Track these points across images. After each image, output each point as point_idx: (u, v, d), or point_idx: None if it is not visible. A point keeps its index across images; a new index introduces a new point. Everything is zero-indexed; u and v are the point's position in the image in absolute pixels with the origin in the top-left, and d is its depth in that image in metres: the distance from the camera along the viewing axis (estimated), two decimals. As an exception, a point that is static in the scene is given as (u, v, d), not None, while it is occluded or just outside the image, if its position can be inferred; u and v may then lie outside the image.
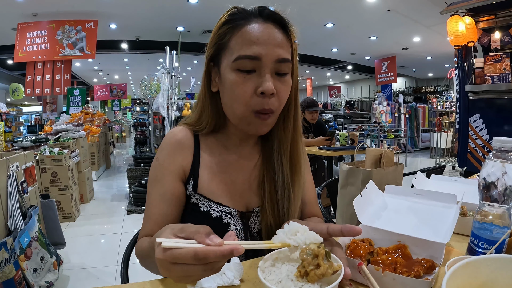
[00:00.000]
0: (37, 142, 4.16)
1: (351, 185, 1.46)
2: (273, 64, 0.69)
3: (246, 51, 0.68)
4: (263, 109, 0.70)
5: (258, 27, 0.70)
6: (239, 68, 0.70)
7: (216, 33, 0.74)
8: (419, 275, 0.55)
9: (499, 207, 0.59)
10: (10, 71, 10.96)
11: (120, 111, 17.02)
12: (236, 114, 0.73)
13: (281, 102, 0.73)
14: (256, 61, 0.69)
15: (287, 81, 0.73)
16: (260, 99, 0.70)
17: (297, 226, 0.53)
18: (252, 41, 0.69)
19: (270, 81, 0.69)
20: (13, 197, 1.97)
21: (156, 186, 0.78)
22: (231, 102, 0.73)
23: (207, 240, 0.44)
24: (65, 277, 2.40)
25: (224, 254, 0.43)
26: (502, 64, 3.81)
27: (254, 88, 0.70)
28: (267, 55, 0.69)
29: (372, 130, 6.88)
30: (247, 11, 0.73)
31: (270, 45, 0.69)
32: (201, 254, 0.42)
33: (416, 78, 14.53)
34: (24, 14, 6.47)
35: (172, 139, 0.81)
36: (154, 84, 5.48)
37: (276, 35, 0.70)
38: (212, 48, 0.75)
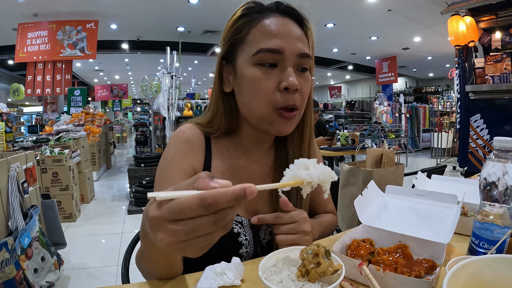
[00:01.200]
0: (37, 142, 4.17)
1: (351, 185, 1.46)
2: (295, 58, 0.66)
3: (267, 44, 0.65)
4: (288, 105, 0.66)
5: (277, 21, 0.67)
6: (260, 62, 0.66)
7: (230, 28, 0.70)
8: (420, 275, 0.55)
9: (500, 207, 0.59)
10: (10, 71, 10.97)
11: (121, 111, 17.02)
12: (257, 113, 0.69)
13: (303, 99, 0.70)
14: (278, 54, 0.65)
15: (308, 77, 0.70)
16: (283, 94, 0.66)
17: (306, 160, 0.47)
18: (273, 33, 0.66)
19: (294, 75, 0.65)
20: (14, 197, 1.98)
21: (163, 186, 0.71)
22: (250, 100, 0.69)
23: (212, 183, 0.36)
24: (65, 277, 2.41)
25: (236, 194, 0.34)
26: (502, 64, 3.81)
27: (276, 83, 0.66)
28: (289, 49, 0.65)
29: (372, 130, 6.88)
30: (263, 5, 0.70)
31: (291, 39, 0.66)
32: (210, 198, 0.34)
33: (416, 78, 14.52)
34: (25, 15, 6.47)
35: (181, 136, 0.76)
36: (155, 84, 5.49)
37: (295, 29, 0.68)
38: (225, 45, 0.71)
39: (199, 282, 0.57)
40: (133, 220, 3.71)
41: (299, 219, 0.68)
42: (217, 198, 0.34)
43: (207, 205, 0.33)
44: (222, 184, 0.36)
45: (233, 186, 0.35)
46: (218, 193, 0.34)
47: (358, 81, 15.64)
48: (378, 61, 10.71)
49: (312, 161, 0.48)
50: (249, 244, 0.76)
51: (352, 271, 0.58)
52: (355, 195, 0.79)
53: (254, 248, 0.77)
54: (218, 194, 0.34)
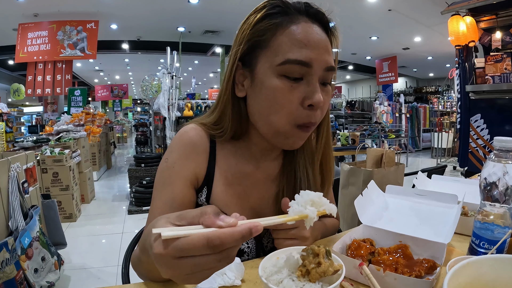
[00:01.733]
0: (38, 143, 4.17)
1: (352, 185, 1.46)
2: (321, 72, 0.62)
3: (296, 55, 0.59)
4: (309, 123, 0.63)
5: (307, 28, 0.61)
6: (286, 74, 0.61)
7: (252, 28, 0.63)
8: (420, 275, 0.55)
9: (500, 207, 0.59)
10: (11, 72, 10.98)
11: (121, 111, 17.02)
12: (274, 126, 0.64)
13: (323, 114, 0.66)
14: (306, 67, 0.60)
15: (329, 92, 0.66)
16: (306, 111, 0.62)
17: (311, 194, 0.49)
18: (303, 43, 0.60)
19: (319, 91, 0.61)
20: (14, 197, 1.98)
21: (163, 191, 0.69)
22: (269, 112, 0.63)
23: (218, 221, 0.36)
24: (66, 277, 2.41)
25: (243, 235, 0.35)
26: (503, 64, 3.80)
27: (301, 98, 0.61)
28: (318, 62, 0.60)
29: (373, 130, 6.88)
30: (290, 5, 0.63)
31: (321, 50, 0.61)
32: (216, 240, 0.34)
33: (417, 78, 14.52)
34: (25, 15, 6.48)
35: (184, 139, 0.72)
36: (155, 85, 5.49)
37: (324, 39, 0.63)
38: (245, 45, 0.64)
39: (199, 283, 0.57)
40: (134, 220, 3.71)
41: (299, 224, 0.67)
42: (223, 239, 0.34)
43: (213, 246, 0.34)
44: (228, 223, 0.36)
45: (239, 226, 0.35)
46: (225, 235, 0.34)
47: (358, 81, 15.63)
48: (378, 61, 10.71)
49: (318, 195, 0.48)
50: (251, 251, 0.75)
51: (352, 271, 0.58)
52: (355, 195, 0.79)
53: (257, 256, 0.76)
54: (225, 235, 0.34)
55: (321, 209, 0.48)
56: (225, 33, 7.66)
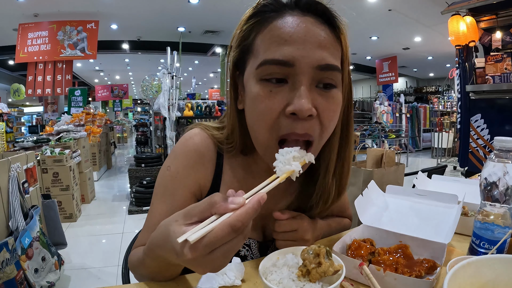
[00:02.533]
0: (38, 143, 4.17)
1: (352, 185, 1.46)
2: (312, 72, 0.51)
3: (273, 53, 0.51)
4: (293, 134, 0.52)
5: (292, 20, 0.52)
6: (265, 77, 0.52)
7: (240, 32, 0.58)
8: (421, 275, 0.55)
9: (500, 207, 0.59)
10: (11, 72, 10.98)
11: (121, 111, 17.02)
12: (259, 141, 0.57)
13: (325, 126, 0.54)
14: (287, 67, 0.51)
15: (334, 97, 0.54)
16: (290, 121, 0.52)
17: (291, 150, 0.50)
18: (282, 38, 0.51)
19: (307, 96, 0.50)
20: (15, 197, 1.98)
21: (165, 200, 0.66)
22: (253, 124, 0.57)
23: (230, 205, 0.38)
24: (66, 277, 2.41)
25: (255, 208, 0.38)
26: (503, 64, 3.80)
27: (282, 105, 0.52)
28: (303, 59, 0.50)
29: (373, 130, 6.88)
30: (280, 1, 0.56)
31: (308, 45, 0.51)
32: (238, 223, 0.37)
33: (417, 78, 14.51)
34: (25, 15, 6.48)
35: (191, 147, 0.67)
36: (155, 85, 5.48)
37: (317, 31, 0.52)
38: (236, 52, 0.59)
39: (200, 282, 0.57)
40: (134, 220, 3.71)
41: (298, 227, 0.67)
42: (243, 220, 0.37)
43: (237, 229, 0.37)
44: (239, 204, 0.38)
45: (249, 203, 0.39)
46: (242, 216, 0.37)
47: (358, 81, 15.63)
48: (378, 61, 10.71)
49: (295, 149, 0.50)
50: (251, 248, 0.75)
51: (352, 271, 0.58)
52: (355, 195, 0.79)
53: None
54: (242, 216, 0.37)
55: (302, 160, 0.50)
56: (225, 33, 7.66)
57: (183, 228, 0.39)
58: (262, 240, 0.75)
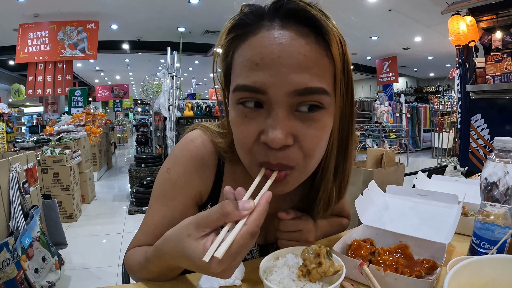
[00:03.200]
0: (38, 143, 4.17)
1: (352, 185, 1.46)
2: (288, 99, 0.45)
3: (244, 80, 0.46)
4: (267, 163, 0.48)
5: (266, 37, 0.45)
6: (241, 102, 0.48)
7: (221, 47, 0.53)
8: (421, 275, 0.55)
9: (500, 207, 0.59)
10: (11, 72, 10.98)
11: (122, 111, 17.03)
12: (245, 163, 0.54)
13: (306, 154, 0.49)
14: (260, 94, 0.45)
15: (320, 120, 0.48)
16: (264, 149, 0.48)
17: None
18: (253, 62, 0.45)
19: (280, 126, 0.45)
20: (15, 197, 1.98)
21: (163, 205, 0.64)
22: (236, 146, 0.54)
23: (243, 212, 0.41)
24: (66, 277, 2.41)
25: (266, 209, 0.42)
26: (503, 63, 3.80)
27: (258, 132, 0.47)
28: (275, 86, 0.44)
29: (373, 130, 6.87)
30: (259, 10, 0.48)
31: (282, 69, 0.44)
32: (256, 229, 0.40)
33: (417, 78, 14.50)
34: (26, 15, 6.48)
35: (193, 153, 0.63)
36: (156, 85, 5.48)
37: (295, 49, 0.44)
38: (223, 68, 0.54)
39: (200, 282, 0.57)
40: (134, 220, 3.71)
41: (303, 228, 0.67)
42: (259, 224, 0.40)
43: (256, 235, 0.40)
44: (251, 208, 0.41)
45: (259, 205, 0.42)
46: (258, 221, 0.40)
47: (358, 81, 15.62)
48: (378, 61, 10.71)
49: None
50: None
51: (352, 271, 0.58)
52: (355, 195, 0.79)
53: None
54: (259, 221, 0.40)
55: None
56: (225, 33, 7.66)
57: (200, 243, 0.41)
58: (263, 243, 0.75)
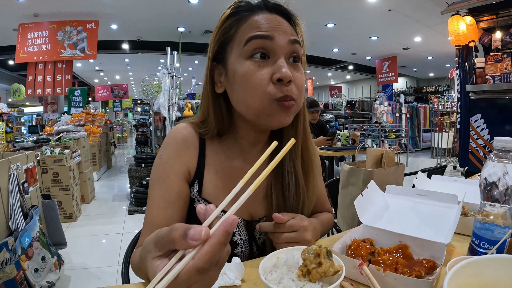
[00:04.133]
0: (38, 143, 4.17)
1: (352, 185, 1.46)
2: (287, 46, 0.66)
3: (256, 32, 0.65)
4: (285, 96, 0.64)
5: (265, 16, 0.67)
6: (252, 54, 0.65)
7: (220, 29, 0.70)
8: (421, 275, 0.55)
9: (500, 207, 0.59)
10: (11, 72, 10.98)
11: (121, 111, 17.02)
12: (254, 107, 0.66)
13: (299, 91, 0.68)
14: (268, 40, 0.64)
15: (301, 69, 0.69)
16: (277, 86, 0.64)
17: None
18: (261, 25, 0.66)
19: (286, 66, 0.64)
20: (14, 197, 1.98)
21: (159, 188, 0.72)
22: (245, 96, 0.66)
23: (191, 242, 0.34)
24: (66, 277, 2.41)
25: (222, 242, 0.34)
26: (503, 63, 3.80)
27: (270, 74, 0.64)
28: (279, 35, 0.65)
29: (373, 130, 6.87)
30: (251, 3, 0.70)
31: (280, 28, 0.66)
32: (205, 265, 0.34)
33: (417, 78, 14.51)
34: (25, 15, 6.48)
35: (177, 136, 0.76)
36: (155, 85, 5.49)
37: (284, 22, 0.68)
38: (215, 45, 0.71)
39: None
40: (134, 220, 3.71)
41: (299, 228, 0.68)
42: (210, 260, 0.34)
43: (205, 270, 0.34)
44: (199, 239, 0.34)
45: (214, 237, 0.34)
46: (209, 255, 0.34)
47: (358, 81, 15.63)
48: (378, 61, 10.71)
49: None
50: (244, 244, 0.76)
51: (352, 271, 0.58)
52: (355, 195, 0.79)
53: (250, 248, 0.77)
54: (209, 256, 0.34)
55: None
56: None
57: (155, 264, 0.37)
58: (249, 219, 0.77)
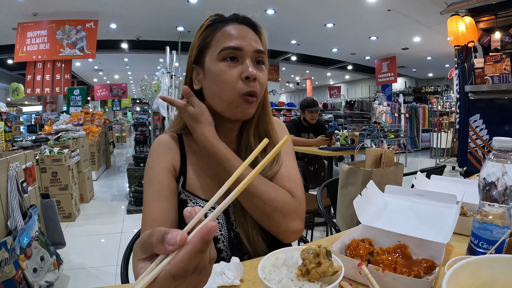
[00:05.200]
0: (37, 142, 4.16)
1: (351, 185, 1.46)
2: (252, 54, 0.80)
3: (229, 43, 0.79)
4: (249, 91, 0.78)
5: (236, 27, 0.82)
6: (224, 58, 0.79)
7: (199, 37, 0.85)
8: (419, 275, 0.55)
9: (499, 207, 0.59)
10: (10, 71, 10.96)
11: (120, 111, 17.01)
12: (224, 100, 0.80)
13: (262, 87, 0.82)
14: (238, 51, 0.79)
15: (264, 70, 0.84)
16: (245, 83, 0.78)
17: None
18: (233, 36, 0.80)
19: (252, 67, 0.78)
20: (13, 196, 1.97)
21: (151, 186, 0.81)
22: (219, 90, 0.80)
23: (168, 247, 0.33)
24: (65, 277, 2.41)
25: (197, 250, 0.33)
26: (502, 64, 3.81)
27: (239, 74, 0.78)
28: (247, 46, 0.79)
29: (372, 130, 6.88)
30: (224, 17, 0.85)
31: (247, 39, 0.80)
32: (180, 271, 0.33)
33: (416, 78, 14.53)
34: (24, 14, 6.47)
35: (160, 143, 0.88)
36: (154, 84, 5.48)
37: (251, 33, 0.82)
38: (196, 50, 0.85)
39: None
40: (133, 220, 3.71)
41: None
42: (185, 267, 0.33)
43: (181, 277, 0.33)
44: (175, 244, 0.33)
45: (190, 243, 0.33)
46: (183, 262, 0.33)
47: (357, 81, 15.64)
48: (377, 61, 10.72)
49: None
50: (222, 227, 0.81)
51: (351, 271, 0.58)
52: (354, 195, 0.79)
53: (228, 231, 0.81)
54: (183, 264, 0.33)
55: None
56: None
57: (138, 266, 0.37)
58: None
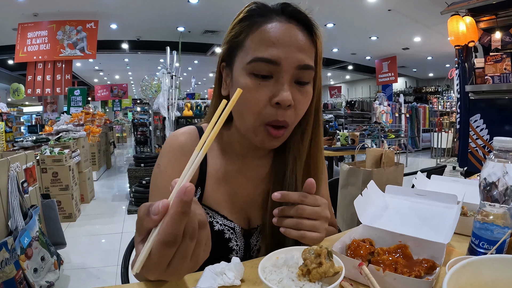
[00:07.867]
0: (37, 142, 4.17)
1: (351, 185, 1.46)
2: (293, 71, 0.61)
3: (263, 53, 0.60)
4: (275, 121, 0.62)
5: (279, 27, 0.61)
6: (254, 72, 0.61)
7: (230, 31, 0.67)
8: (420, 275, 0.55)
9: (500, 207, 0.59)
10: (10, 71, 10.97)
11: (121, 111, 17.01)
12: (245, 124, 0.66)
13: (298, 116, 0.65)
14: (274, 65, 0.60)
15: (308, 92, 0.65)
16: (274, 109, 0.61)
17: None
18: (271, 41, 0.60)
19: (288, 90, 0.60)
20: (14, 197, 1.98)
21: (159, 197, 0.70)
22: (241, 110, 0.65)
23: (153, 217, 0.37)
24: (65, 277, 2.41)
25: (179, 212, 0.35)
26: (502, 64, 3.81)
27: (269, 96, 0.61)
28: (287, 60, 0.60)
29: (372, 130, 6.88)
30: (268, 7, 0.64)
31: (291, 48, 0.60)
32: (170, 237, 0.35)
33: (416, 78, 14.53)
34: (25, 14, 6.47)
35: (174, 143, 0.74)
36: (155, 84, 5.48)
37: (299, 37, 0.62)
38: (226, 47, 0.69)
39: (199, 282, 0.57)
40: (133, 220, 3.69)
41: (321, 203, 0.64)
42: (174, 232, 0.35)
43: (172, 243, 0.36)
44: (158, 212, 0.36)
45: (171, 207, 0.36)
46: (170, 228, 0.35)
47: (358, 81, 15.64)
48: (378, 61, 10.72)
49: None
50: (239, 250, 0.74)
51: (352, 271, 0.58)
52: (355, 195, 0.79)
53: (244, 255, 0.76)
54: (171, 228, 0.35)
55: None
56: (225, 33, 7.63)
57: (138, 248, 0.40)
58: (247, 228, 0.75)
